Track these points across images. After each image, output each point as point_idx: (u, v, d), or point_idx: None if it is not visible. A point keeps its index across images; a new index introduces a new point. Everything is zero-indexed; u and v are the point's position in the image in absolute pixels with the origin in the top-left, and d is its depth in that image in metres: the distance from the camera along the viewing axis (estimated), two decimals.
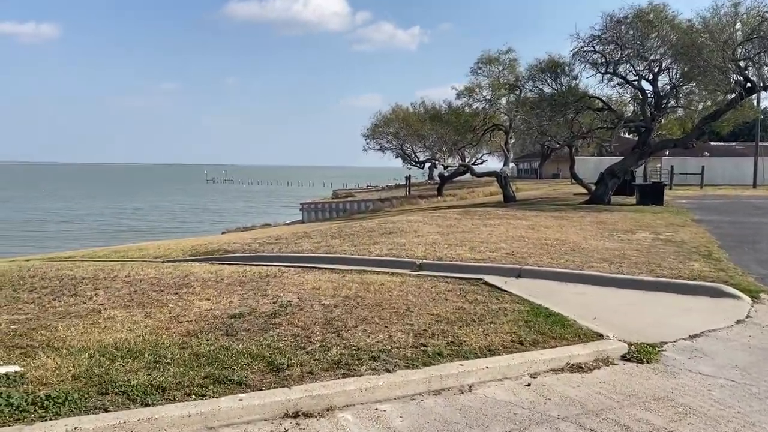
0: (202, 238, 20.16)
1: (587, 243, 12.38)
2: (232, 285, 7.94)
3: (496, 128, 32.75)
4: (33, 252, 25.01)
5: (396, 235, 13.72)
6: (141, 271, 9.89)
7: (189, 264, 11.42)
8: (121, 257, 14.73)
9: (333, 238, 13.77)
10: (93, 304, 7.11)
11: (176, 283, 8.26)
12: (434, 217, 17.63)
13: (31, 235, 38.40)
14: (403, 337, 5.40)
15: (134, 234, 37.64)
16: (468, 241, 12.33)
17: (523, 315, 6.32)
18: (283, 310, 6.38)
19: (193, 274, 9.32)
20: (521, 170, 73.73)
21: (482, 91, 31.51)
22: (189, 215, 58.89)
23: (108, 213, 59.38)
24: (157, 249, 15.50)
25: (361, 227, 15.51)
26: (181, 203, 76.54)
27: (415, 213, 22.81)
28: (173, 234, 34.67)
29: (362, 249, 11.71)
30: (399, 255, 10.91)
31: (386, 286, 7.79)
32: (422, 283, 8.14)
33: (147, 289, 7.94)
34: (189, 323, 5.87)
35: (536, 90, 28.59)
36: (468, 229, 14.64)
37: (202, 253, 13.57)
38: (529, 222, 16.60)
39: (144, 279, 8.87)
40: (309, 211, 44.60)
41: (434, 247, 11.50)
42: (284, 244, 13.39)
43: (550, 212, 20.11)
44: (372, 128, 39.93)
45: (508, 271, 9.47)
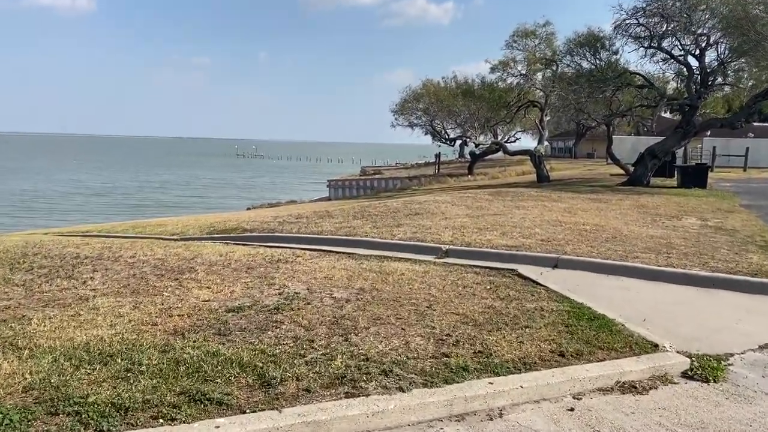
0: (223, 215, 19.58)
1: (629, 229, 11.39)
2: (238, 271, 7.23)
3: (530, 105, 31.47)
4: (56, 225, 24.80)
5: (422, 216, 12.89)
6: (149, 251, 9.27)
7: (202, 243, 10.79)
8: (138, 233, 14.23)
9: (355, 219, 13.01)
10: (84, 289, 6.47)
11: (180, 267, 7.58)
12: (463, 198, 16.71)
13: (57, 208, 38.41)
14: (422, 343, 4.59)
15: (159, 208, 37.36)
16: (499, 225, 11.45)
17: (563, 317, 5.46)
18: (288, 303, 5.63)
19: (202, 255, 8.65)
20: (555, 149, 71.87)
21: (517, 66, 30.25)
22: (215, 190, 58.59)
23: (136, 186, 59.47)
24: (175, 225, 14.94)
25: (385, 207, 14.70)
26: (210, 178, 76.42)
27: (443, 193, 21.90)
28: (198, 209, 34.28)
29: (385, 231, 10.92)
30: (424, 239, 10.09)
31: (407, 276, 6.99)
32: (447, 273, 7.31)
33: (147, 273, 7.28)
34: (180, 318, 5.16)
35: (574, 65, 27.21)
36: (499, 211, 13.72)
37: (219, 231, 12.96)
38: (565, 205, 15.60)
39: (148, 261, 8.22)
40: (336, 188, 43.89)
41: (462, 232, 10.64)
42: (304, 224, 12.68)
43: (586, 194, 19.02)
44: (401, 104, 38.79)
45: (544, 261, 8.59)
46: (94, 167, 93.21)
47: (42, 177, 66.85)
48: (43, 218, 30.37)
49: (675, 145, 24.76)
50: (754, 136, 45.98)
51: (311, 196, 46.08)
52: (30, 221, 28.82)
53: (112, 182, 62.89)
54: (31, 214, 33.67)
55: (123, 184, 61.98)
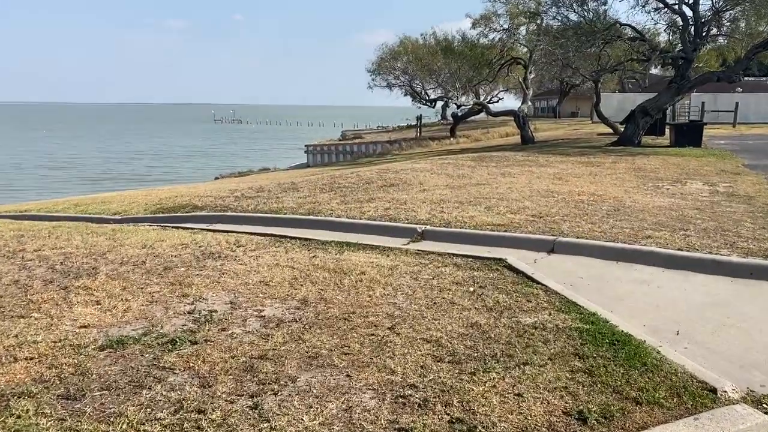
0: (180, 188, 17.85)
1: (631, 199, 9.92)
2: (151, 273, 5.64)
3: (514, 62, 29.73)
4: (5, 202, 22.92)
5: (397, 188, 11.33)
6: (62, 241, 7.66)
7: (135, 228, 9.18)
8: (79, 212, 12.62)
9: (322, 192, 11.45)
10: None
11: (82, 267, 5.99)
12: (444, 165, 15.14)
13: (12, 184, 36.29)
14: (373, 407, 3.06)
15: (121, 181, 35.34)
16: (483, 197, 9.92)
17: (574, 340, 3.95)
18: (193, 331, 4.08)
19: (121, 247, 7.06)
20: (538, 109, 70.11)
21: (499, 20, 28.46)
22: (186, 160, 56.14)
23: (102, 157, 56.97)
24: (121, 202, 13.27)
25: (357, 178, 13.09)
26: (183, 146, 73.65)
27: (423, 158, 20.29)
28: (163, 181, 32.36)
29: (353, 208, 9.38)
30: (397, 218, 8.56)
31: (368, 276, 5.44)
32: (421, 269, 5.77)
33: (36, 278, 5.68)
34: (26, 362, 3.60)
35: (560, 17, 25.40)
36: (483, 180, 12.18)
37: (167, 208, 11.38)
38: (555, 169, 14.09)
39: (49, 257, 6.61)
40: (314, 154, 41.98)
41: (442, 207, 9.12)
42: (264, 199, 11.10)
43: (576, 156, 17.52)
44: (377, 62, 36.76)
45: (537, 244, 7.10)
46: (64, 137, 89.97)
47: (2, 148, 63.99)
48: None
49: (669, 101, 23.24)
50: (742, 91, 44.60)
51: (289, 162, 44.21)
52: None
53: (78, 153, 60.24)
54: None
55: (89, 154, 59.39)
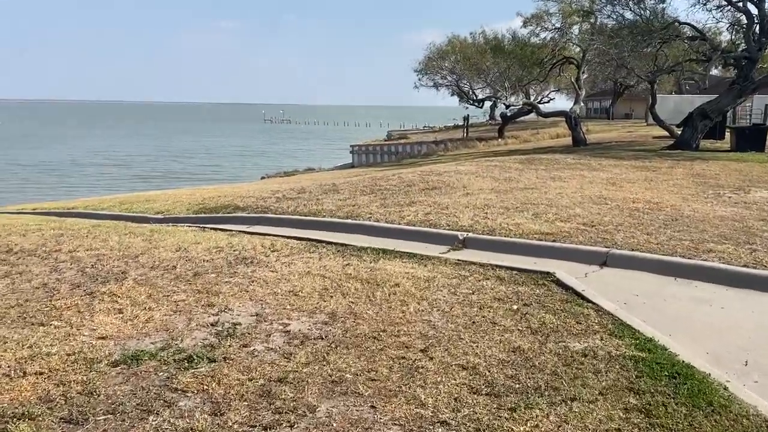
0: (225, 188, 17.86)
1: (690, 207, 9.30)
2: (180, 279, 5.44)
3: (566, 62, 28.91)
4: (60, 198, 23.53)
5: (439, 191, 10.95)
6: (99, 242, 7.57)
7: (174, 228, 9.09)
8: (123, 210, 12.74)
9: (363, 194, 11.17)
10: None
11: (111, 271, 5.84)
12: (490, 167, 14.65)
13: (66, 180, 37.28)
14: None
15: (170, 179, 35.85)
16: (531, 203, 9.45)
17: (629, 372, 3.53)
18: (213, 347, 3.83)
19: (156, 249, 6.92)
20: (590, 110, 68.37)
21: (551, 19, 27.68)
22: (234, 158, 56.68)
23: (152, 155, 58.12)
24: (165, 201, 13.31)
25: (399, 180, 12.76)
26: (232, 145, 74.60)
27: (469, 160, 19.81)
28: (210, 180, 32.68)
29: (393, 212, 9.06)
30: (437, 223, 8.20)
31: (403, 288, 5.11)
32: (460, 282, 5.40)
33: (65, 281, 5.55)
34: (34, 377, 3.40)
35: (615, 15, 24.53)
36: (531, 184, 11.68)
37: (209, 209, 11.30)
38: (608, 174, 13.46)
39: (82, 259, 6.50)
40: (359, 154, 41.83)
41: (486, 212, 8.70)
42: (304, 200, 10.90)
43: (630, 161, 16.76)
44: (425, 62, 36.24)
45: (589, 256, 6.64)
46: (118, 135, 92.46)
47: (60, 146, 66.07)
48: (47, 193, 29.19)
49: (730, 103, 22.12)
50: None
51: (334, 162, 44.21)
52: (32, 195, 27.62)
53: (130, 151, 61.72)
54: (36, 189, 32.55)
55: (141, 152, 60.72)
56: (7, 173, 42.11)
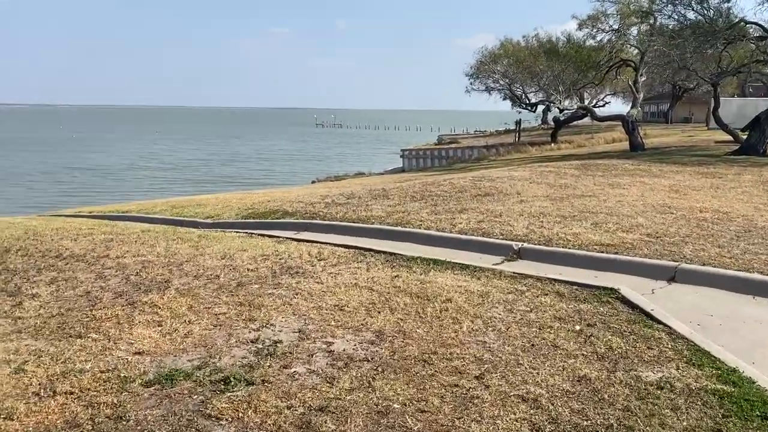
0: (275, 192, 17.83)
1: (764, 218, 8.67)
2: (222, 289, 5.25)
3: (623, 64, 27.95)
4: (115, 201, 24.01)
5: (492, 198, 10.56)
6: (146, 247, 7.51)
7: (221, 234, 9.00)
8: (174, 214, 12.85)
9: (413, 200, 10.88)
10: (6, 320, 4.68)
11: (155, 280, 5.72)
12: (545, 173, 14.14)
13: (122, 184, 38.21)
14: None
15: (221, 183, 36.31)
16: (589, 211, 8.98)
17: (713, 407, 3.12)
18: (251, 368, 3.59)
19: (201, 257, 6.79)
20: (647, 113, 66.25)
21: (608, 20, 26.81)
22: (284, 162, 57.21)
23: (204, 159, 59.26)
24: (216, 205, 13.34)
25: (450, 186, 12.41)
26: (283, 149, 75.35)
27: (522, 165, 19.27)
28: (261, 184, 32.96)
29: (444, 219, 8.74)
30: (491, 232, 7.84)
31: (455, 303, 4.78)
32: (517, 297, 5.04)
33: (108, 289, 5.45)
34: (63, 397, 3.24)
35: (677, 15, 23.59)
36: (589, 191, 11.17)
37: (258, 214, 11.24)
38: (670, 181, 12.79)
39: (128, 266, 6.42)
40: (410, 159, 41.56)
41: (541, 221, 8.29)
42: (353, 206, 10.71)
43: (693, 166, 15.95)
44: (477, 66, 35.68)
45: (655, 271, 6.17)
46: (173, 139, 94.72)
47: (119, 150, 68.07)
48: (102, 196, 29.97)
49: None
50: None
51: (384, 166, 44.08)
52: (87, 199, 28.36)
53: (183, 155, 63.07)
54: (92, 192, 33.48)
55: (194, 156, 61.98)
56: (65, 176, 43.57)
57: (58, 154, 62.46)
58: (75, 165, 51.64)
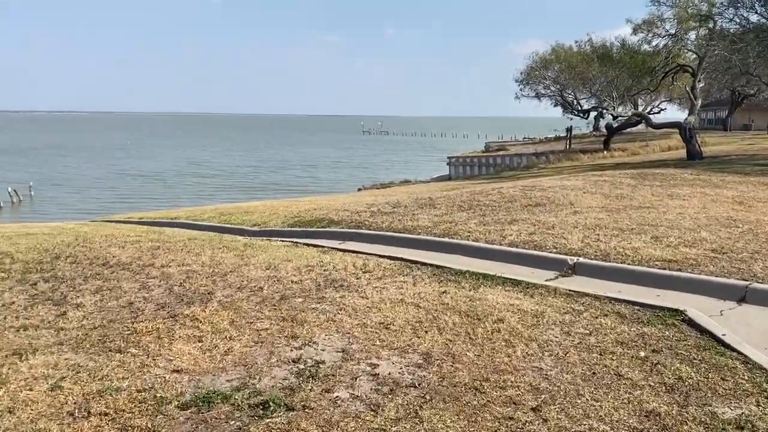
0: (319, 200, 17.79)
1: None
2: (265, 303, 5.10)
3: (680, 70, 26.95)
4: (165, 207, 24.49)
5: (543, 209, 10.19)
6: (190, 256, 7.46)
7: (267, 244, 8.90)
8: (222, 221, 12.94)
9: (460, 210, 10.61)
10: (49, 331, 4.63)
11: (197, 290, 5.61)
12: (599, 183, 13.62)
13: (172, 190, 39.02)
14: None
15: (269, 191, 36.65)
16: (648, 223, 8.53)
17: None
18: (291, 392, 3.40)
19: (246, 267, 6.68)
20: (704, 121, 64.06)
21: (665, 25, 25.89)
22: (331, 170, 57.48)
23: (253, 166, 60.10)
24: (262, 213, 13.38)
25: (499, 195, 12.07)
26: (329, 156, 75.80)
27: (574, 174, 18.73)
28: (307, 191, 33.10)
29: (493, 230, 8.43)
30: (543, 245, 7.50)
31: (508, 324, 4.50)
32: (574, 318, 4.72)
33: (151, 299, 5.36)
34: (96, 419, 3.09)
35: (739, 19, 22.65)
36: (647, 202, 10.67)
37: (304, 222, 11.16)
38: (733, 192, 12.14)
39: (172, 276, 6.35)
40: (457, 166, 41.10)
41: (597, 233, 7.91)
42: (399, 215, 10.51)
43: (757, 176, 15.14)
44: (527, 72, 34.98)
45: (723, 290, 5.74)
46: (223, 146, 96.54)
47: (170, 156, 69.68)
48: (158, 201, 30.64)
49: None
50: None
51: (431, 174, 43.78)
52: (145, 204, 29.01)
53: (233, 162, 64.12)
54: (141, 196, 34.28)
55: (243, 163, 62.92)
56: (118, 182, 44.80)
57: (113, 160, 64.41)
58: (128, 171, 53.09)
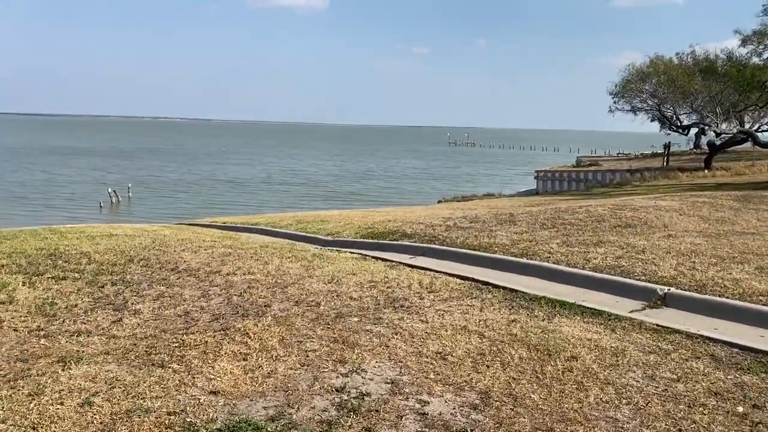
0: (395, 211, 17.51)
1: None
2: (319, 321, 4.82)
3: None
4: (250, 212, 25.00)
5: (634, 230, 9.45)
6: (258, 265, 7.38)
7: (335, 255, 8.68)
8: (299, 229, 13.04)
9: (543, 228, 10.03)
10: (101, 338, 4.56)
11: (255, 302, 5.44)
12: (697, 204, 12.58)
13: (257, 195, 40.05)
14: None
15: (348, 199, 36.89)
16: (753, 252, 7.66)
17: None
18: (329, 427, 3.07)
19: (308, 278, 6.48)
20: None
21: None
22: (413, 181, 57.27)
23: (336, 174, 60.91)
24: (338, 222, 13.33)
25: (586, 213, 11.35)
26: (413, 167, 75.51)
27: (670, 193, 17.53)
28: (387, 202, 32.96)
29: (576, 253, 7.83)
30: (631, 271, 6.86)
31: (582, 363, 3.99)
32: (660, 360, 4.14)
33: (205, 311, 5.22)
34: None
35: None
36: (751, 227, 9.70)
37: (377, 234, 10.97)
38: None
39: (234, 284, 6.23)
40: (544, 180, 39.84)
41: (693, 261, 7.16)
42: (476, 231, 10.08)
43: None
44: (622, 84, 33.37)
45: None
46: (310, 155, 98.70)
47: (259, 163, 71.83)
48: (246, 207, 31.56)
49: None
50: None
51: (516, 188, 42.73)
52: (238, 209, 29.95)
53: (317, 170, 65.28)
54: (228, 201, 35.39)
55: (327, 172, 63.89)
56: (210, 187, 46.52)
57: (207, 166, 67.13)
58: (220, 176, 55.11)
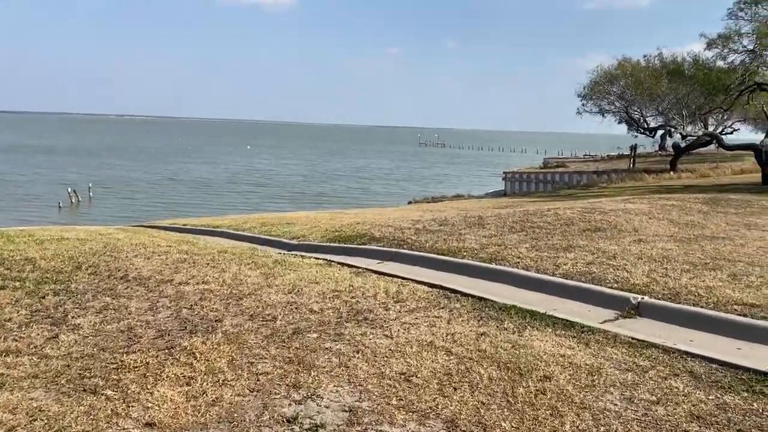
0: (365, 213, 17.18)
1: None
2: (274, 339, 4.45)
3: (757, 88, 25.25)
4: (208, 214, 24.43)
5: (604, 235, 9.26)
6: (214, 273, 6.95)
7: (298, 261, 8.32)
8: (263, 232, 12.61)
9: (511, 232, 9.81)
10: (31, 360, 4.12)
11: (205, 317, 5.03)
12: (666, 207, 12.48)
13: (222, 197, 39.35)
14: None
15: (318, 201, 36.45)
16: (725, 258, 7.51)
17: None
18: None
19: (261, 291, 6.09)
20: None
21: (742, 40, 24.32)
22: (382, 181, 57.05)
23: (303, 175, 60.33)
24: (304, 225, 12.91)
25: (555, 216, 11.15)
26: (382, 168, 75.26)
27: (638, 195, 17.52)
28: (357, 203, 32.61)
29: (546, 258, 7.60)
30: (603, 278, 6.64)
31: (556, 384, 3.71)
32: (637, 379, 3.88)
33: (150, 326, 4.81)
34: None
35: None
36: (722, 232, 9.59)
37: (344, 237, 10.62)
38: None
39: (185, 295, 5.81)
40: (513, 182, 39.96)
41: (665, 267, 6.97)
42: (445, 234, 9.82)
43: None
44: (590, 86, 33.56)
45: None
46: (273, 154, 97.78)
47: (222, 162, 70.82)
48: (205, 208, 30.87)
49: None
50: None
51: (485, 189, 42.76)
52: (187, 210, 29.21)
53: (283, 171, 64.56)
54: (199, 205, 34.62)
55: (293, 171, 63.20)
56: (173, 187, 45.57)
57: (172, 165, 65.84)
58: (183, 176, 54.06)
